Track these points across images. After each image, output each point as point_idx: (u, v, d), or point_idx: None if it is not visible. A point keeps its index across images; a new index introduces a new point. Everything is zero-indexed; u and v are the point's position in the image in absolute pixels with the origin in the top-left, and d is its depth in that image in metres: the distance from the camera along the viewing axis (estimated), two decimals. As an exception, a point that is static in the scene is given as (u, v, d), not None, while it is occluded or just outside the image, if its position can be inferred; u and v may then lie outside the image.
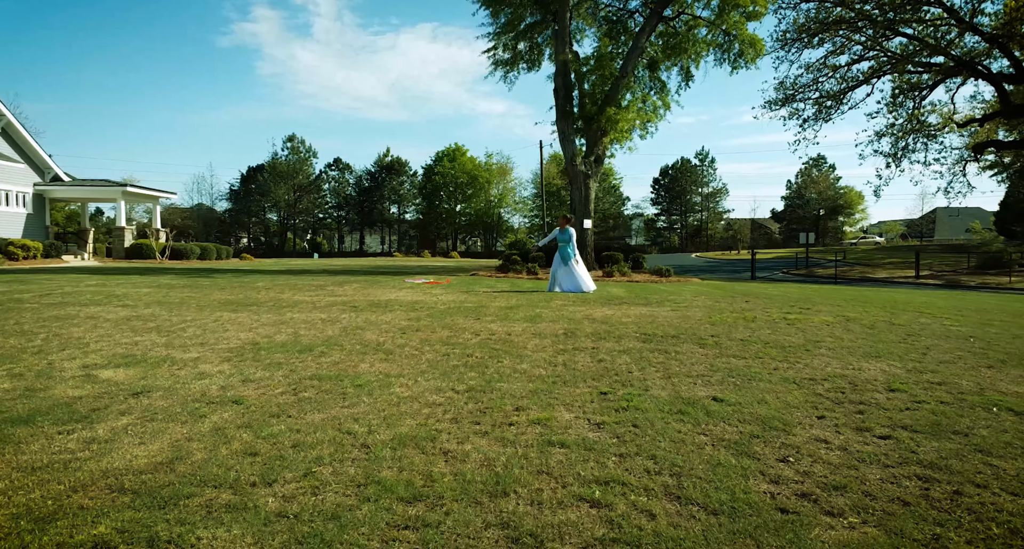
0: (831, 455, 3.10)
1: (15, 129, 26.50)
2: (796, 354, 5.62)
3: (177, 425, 3.45)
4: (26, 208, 27.29)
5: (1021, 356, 5.81)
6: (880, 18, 27.58)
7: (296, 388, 4.25)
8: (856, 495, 2.63)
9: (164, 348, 5.64)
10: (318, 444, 3.15)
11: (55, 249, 25.76)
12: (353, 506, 2.46)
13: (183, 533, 2.22)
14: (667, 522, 2.36)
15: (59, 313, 7.93)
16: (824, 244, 48.01)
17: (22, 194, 27.08)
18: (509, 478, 2.75)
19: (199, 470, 2.80)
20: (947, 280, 25.80)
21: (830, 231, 54.74)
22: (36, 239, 25.12)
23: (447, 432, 3.37)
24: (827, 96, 29.60)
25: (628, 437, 3.31)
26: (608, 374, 4.77)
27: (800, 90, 30.26)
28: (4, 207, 25.83)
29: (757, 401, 4.03)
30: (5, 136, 26.26)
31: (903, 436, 3.38)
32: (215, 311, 8.35)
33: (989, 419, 3.72)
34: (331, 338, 6.23)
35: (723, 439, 3.30)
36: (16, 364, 4.90)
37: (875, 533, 2.31)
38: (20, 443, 3.13)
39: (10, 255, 22.10)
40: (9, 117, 25.99)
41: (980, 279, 25.80)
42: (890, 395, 4.26)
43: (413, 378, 4.58)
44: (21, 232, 26.51)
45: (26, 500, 2.48)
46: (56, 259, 25.09)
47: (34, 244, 23.77)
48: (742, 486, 2.70)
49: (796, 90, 30.10)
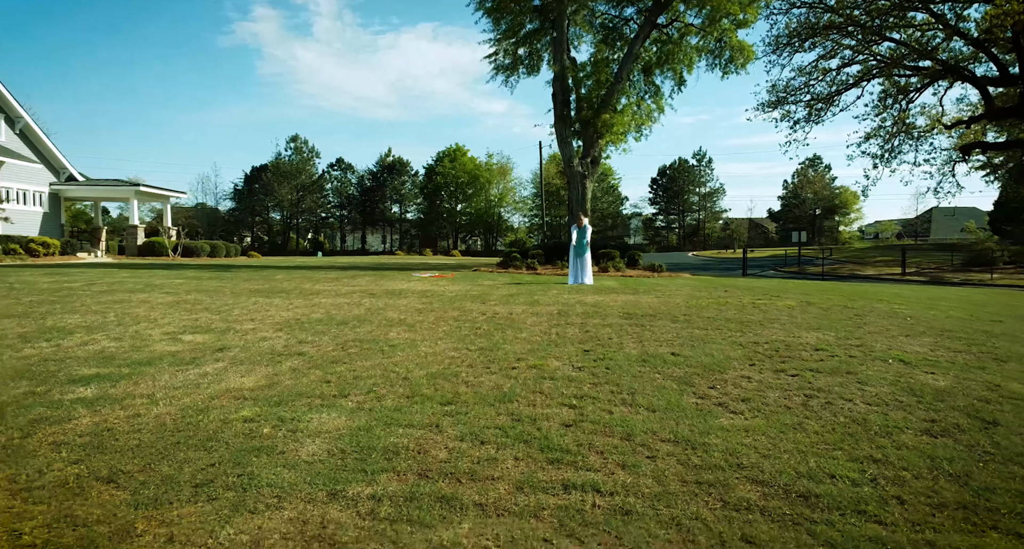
0: (748, 384, 4.27)
1: (32, 130, 27.64)
2: (751, 327, 6.78)
3: (262, 366, 4.61)
4: (42, 207, 28.42)
5: (941, 329, 6.97)
6: (869, 23, 28.78)
7: (343, 346, 5.41)
8: (755, 404, 3.80)
9: (222, 322, 6.80)
10: (371, 377, 4.32)
11: (70, 247, 26.89)
12: (406, 407, 3.63)
13: (298, 416, 3.39)
14: (619, 415, 3.53)
15: (113, 298, 9.08)
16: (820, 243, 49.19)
17: (39, 193, 28.22)
18: (512, 394, 3.92)
19: (291, 390, 3.97)
20: (932, 277, 26.93)
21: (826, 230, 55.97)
22: (52, 237, 26.24)
23: (465, 372, 4.53)
24: (817, 99, 30.82)
25: (601, 375, 4.48)
26: (591, 339, 5.93)
27: (792, 93, 31.51)
28: (22, 206, 26.96)
29: (705, 355, 5.20)
30: (23, 137, 27.40)
31: (807, 375, 4.55)
32: (250, 297, 9.50)
33: (880, 366, 4.89)
34: (359, 316, 7.39)
35: (671, 376, 4.47)
36: (108, 333, 6.06)
37: (758, 421, 3.48)
38: (153, 376, 4.30)
39: (32, 252, 23.25)
40: (27, 119, 27.13)
41: (964, 276, 26.94)
42: (814, 353, 5.42)
43: (433, 342, 5.74)
44: (38, 230, 27.63)
45: (184, 402, 3.65)
46: (71, 256, 26.21)
47: (53, 242, 24.90)
48: (677, 400, 3.87)
49: (788, 93, 31.34)
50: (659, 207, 70.14)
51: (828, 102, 30.46)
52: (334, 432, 3.17)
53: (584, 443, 3.07)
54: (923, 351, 5.59)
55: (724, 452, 2.97)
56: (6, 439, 3.04)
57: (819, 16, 29.64)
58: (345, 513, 2.29)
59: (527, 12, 22.94)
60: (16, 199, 26.49)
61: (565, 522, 2.27)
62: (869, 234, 69.18)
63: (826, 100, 30.49)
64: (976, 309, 9.51)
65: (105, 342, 5.53)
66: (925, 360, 5.16)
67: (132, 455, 2.83)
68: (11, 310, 7.50)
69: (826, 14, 29.23)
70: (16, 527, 2.14)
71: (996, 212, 55.37)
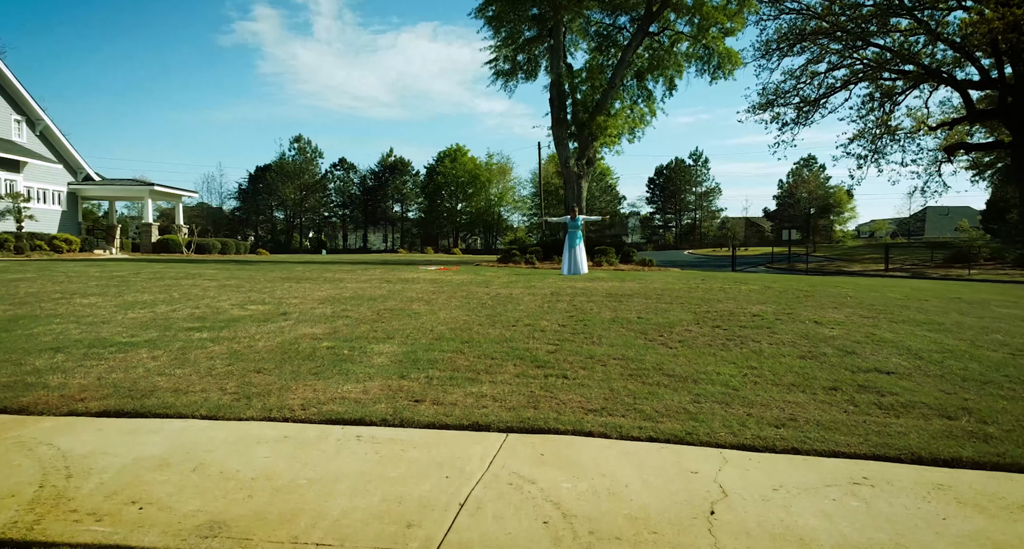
0: (687, 334, 5.80)
1: (52, 132, 29.16)
2: (709, 303, 8.31)
3: (321, 323, 6.14)
4: (61, 205, 29.94)
5: (867, 304, 8.49)
6: (854, 29, 30.32)
7: (378, 313, 6.94)
8: (687, 343, 5.33)
9: (272, 298, 8.32)
10: (406, 329, 5.85)
11: (87, 244, 28.42)
12: (436, 343, 5.16)
13: (364, 346, 4.92)
14: (587, 349, 5.06)
15: (164, 283, 10.59)
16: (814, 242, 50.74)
17: (58, 192, 29.73)
18: (512, 338, 5.45)
19: (350, 336, 5.49)
20: (913, 272, 28.44)
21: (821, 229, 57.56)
22: (70, 234, 27.76)
23: (476, 328, 6.06)
24: (806, 102, 32.39)
25: (579, 329, 6.01)
26: (576, 310, 7.46)
27: (782, 95, 33.08)
28: (43, 205, 28.47)
29: (662, 318, 6.73)
30: (43, 139, 28.93)
31: (736, 329, 6.08)
32: (283, 282, 11.02)
33: (795, 325, 6.41)
34: (383, 295, 8.91)
35: (631, 329, 6.00)
36: (186, 304, 7.58)
37: (684, 350, 5.01)
38: (244, 327, 5.83)
39: (56, 248, 24.78)
40: (47, 121, 28.66)
41: (944, 271, 28.43)
42: (751, 318, 6.94)
43: (448, 311, 7.27)
44: (57, 227, 29.14)
45: (279, 339, 5.18)
46: (89, 252, 27.72)
47: (74, 239, 26.43)
48: (631, 341, 5.40)
49: (778, 95, 32.92)
50: (656, 206, 71.89)
51: (815, 105, 32.00)
52: (390, 354, 4.70)
53: (560, 360, 4.61)
54: (838, 317, 7.12)
55: (653, 363, 4.51)
56: (172, 356, 4.56)
57: (806, 22, 31.17)
58: (412, 383, 3.83)
59: (525, 20, 24.47)
60: (37, 198, 28.01)
61: (545, 387, 3.80)
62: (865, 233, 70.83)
63: (813, 103, 32.02)
64: (915, 293, 11.04)
65: (189, 309, 7.06)
66: (834, 321, 6.70)
67: (264, 362, 4.36)
68: (88, 290, 9.02)
69: (813, 20, 30.76)
70: (212, 396, 3.67)
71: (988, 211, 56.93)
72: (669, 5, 22.93)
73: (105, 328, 5.74)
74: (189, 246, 29.79)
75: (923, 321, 6.90)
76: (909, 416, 3.38)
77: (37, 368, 4.15)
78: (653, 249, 59.70)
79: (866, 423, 3.24)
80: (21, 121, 27.89)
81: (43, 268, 14.15)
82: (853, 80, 32.86)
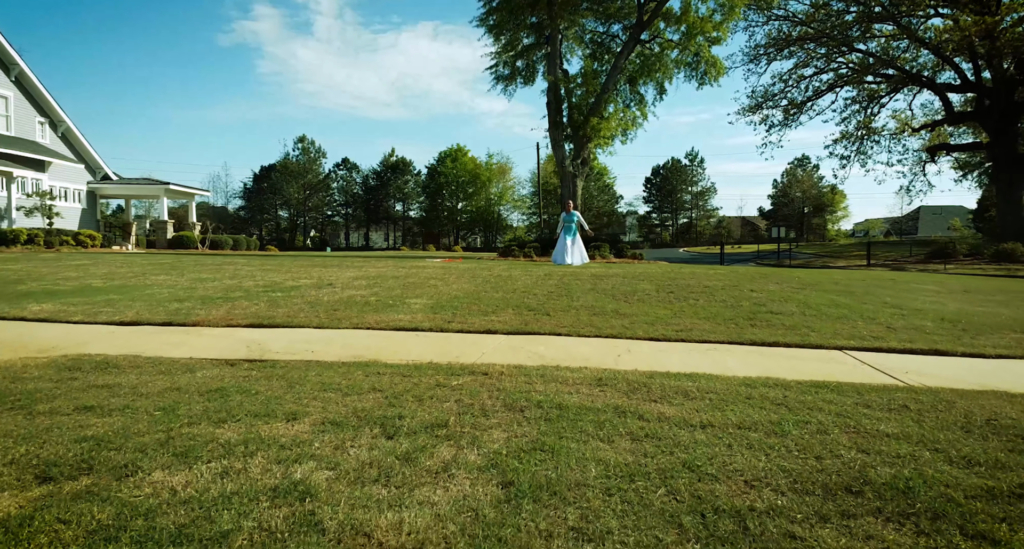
0: (645, 296, 7.67)
1: (73, 133, 31.01)
2: (674, 280, 10.17)
3: (362, 289, 8.01)
4: (80, 203, 31.78)
5: (809, 282, 10.35)
6: (838, 34, 32.24)
7: (404, 285, 8.81)
8: (642, 300, 7.20)
9: (312, 277, 10.18)
10: (429, 294, 7.72)
11: (107, 240, 30.26)
12: (453, 301, 7.03)
13: (402, 300, 6.80)
14: (565, 302, 6.95)
15: (211, 268, 12.43)
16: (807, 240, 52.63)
17: (78, 191, 31.58)
18: (510, 298, 7.33)
19: (388, 296, 7.36)
20: (893, 267, 30.29)
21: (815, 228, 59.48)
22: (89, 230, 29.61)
23: (482, 293, 7.93)
24: (793, 105, 34.34)
25: (563, 293, 7.88)
26: (563, 285, 9.33)
27: (771, 98, 35.01)
28: (65, 203, 30.32)
29: (630, 288, 8.60)
30: (64, 140, 30.78)
31: (683, 293, 7.94)
32: (311, 268, 12.88)
33: (733, 291, 8.27)
34: (403, 275, 10.78)
35: (604, 295, 7.87)
36: (246, 279, 9.44)
37: (638, 303, 6.88)
38: (305, 291, 7.69)
39: (81, 243, 26.63)
40: (68, 123, 30.53)
41: (922, 266, 30.28)
42: (703, 289, 8.80)
43: (460, 284, 9.14)
44: (77, 224, 30.96)
45: (336, 297, 7.06)
46: (108, 248, 29.57)
47: (97, 235, 28.27)
48: (600, 299, 7.27)
49: (766, 98, 34.86)
50: (653, 206, 74.02)
51: (801, 108, 33.91)
52: (422, 304, 6.57)
53: (546, 307, 6.49)
54: (772, 288, 8.99)
55: (611, 309, 6.38)
56: (266, 305, 6.43)
57: (793, 28, 33.08)
58: (442, 314, 5.72)
59: (524, 28, 26.38)
60: (61, 196, 29.85)
61: (533, 319, 5.67)
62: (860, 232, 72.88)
63: (799, 106, 33.94)
64: (858, 278, 12.93)
65: (252, 282, 8.93)
66: (766, 290, 8.57)
67: (335, 307, 6.23)
68: (151, 273, 10.89)
69: (799, 26, 32.66)
70: (313, 320, 5.54)
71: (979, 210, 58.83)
72: (659, 15, 24.83)
73: (199, 290, 7.61)
74: (203, 242, 31.64)
75: (837, 291, 8.80)
76: (766, 328, 5.26)
77: (180, 308, 6.03)
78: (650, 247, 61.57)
79: (736, 331, 5.11)
80: (44, 123, 29.75)
81: (93, 260, 16.02)
82: (839, 83, 34.82)
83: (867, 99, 34.79)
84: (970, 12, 28.73)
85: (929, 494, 1.92)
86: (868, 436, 2.48)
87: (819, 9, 31.99)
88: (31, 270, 11.03)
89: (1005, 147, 30.34)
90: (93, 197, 32.85)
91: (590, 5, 25.73)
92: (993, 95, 30.57)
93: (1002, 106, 29.70)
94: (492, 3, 25.35)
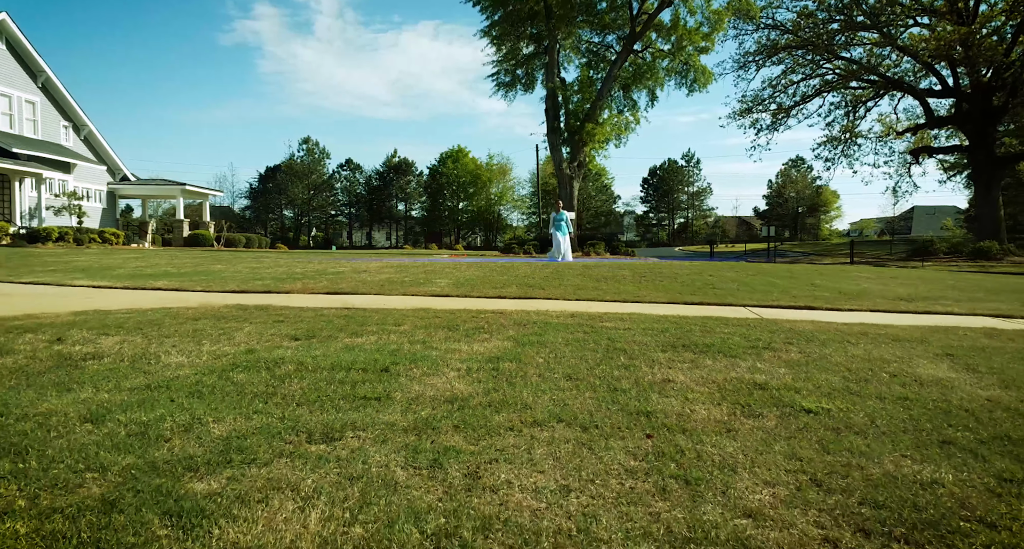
0: (622, 279, 9.71)
1: (94, 136, 33.08)
2: (651, 270, 12.20)
3: (392, 274, 10.05)
4: (101, 203, 33.83)
5: (768, 272, 12.39)
6: (822, 43, 34.31)
7: (426, 272, 10.85)
8: (619, 281, 9.25)
9: (343, 267, 12.20)
10: (448, 277, 9.77)
11: (128, 238, 32.30)
12: (468, 281, 9.09)
13: (429, 280, 8.87)
14: (557, 282, 9.00)
15: (251, 259, 14.46)
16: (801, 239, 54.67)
17: (99, 191, 33.63)
18: (513, 279, 9.38)
19: (416, 279, 9.41)
20: (875, 264, 32.33)
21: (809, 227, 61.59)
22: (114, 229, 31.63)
23: (490, 276, 9.97)
24: (781, 109, 36.42)
25: (556, 277, 9.92)
26: (556, 271, 11.38)
27: (760, 102, 37.08)
28: (88, 203, 32.36)
29: (612, 275, 10.64)
30: (86, 142, 32.83)
31: (654, 278, 9.99)
32: (339, 260, 14.90)
33: (697, 277, 10.31)
34: (420, 265, 12.82)
35: (590, 278, 9.92)
36: (291, 268, 11.46)
37: (613, 282, 8.93)
38: (352, 276, 9.74)
39: (107, 240, 28.66)
40: (91, 126, 32.59)
41: (901, 263, 32.35)
42: (672, 275, 10.84)
43: (471, 271, 11.17)
44: (98, 223, 33.00)
45: (378, 278, 9.11)
46: (129, 245, 31.58)
47: (120, 232, 30.31)
48: (586, 281, 9.32)
49: (756, 102, 36.94)
50: (650, 205, 76.23)
51: (789, 113, 36.00)
52: (445, 282, 8.61)
53: (542, 285, 8.53)
54: (730, 275, 11.04)
55: (592, 286, 8.42)
56: (327, 282, 8.46)
57: (780, 36, 35.15)
58: (463, 288, 7.77)
59: (524, 38, 28.48)
60: (84, 197, 31.88)
61: (531, 292, 7.71)
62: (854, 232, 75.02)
63: (787, 111, 36.02)
64: (815, 269, 14.96)
65: (300, 268, 10.97)
66: (723, 276, 10.62)
67: (382, 285, 8.28)
68: (205, 264, 12.91)
69: (786, 35, 34.73)
70: (372, 290, 7.58)
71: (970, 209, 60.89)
72: (651, 27, 26.91)
73: (263, 274, 9.64)
74: (219, 240, 33.67)
75: (782, 277, 10.86)
76: (700, 296, 7.30)
77: (267, 284, 8.06)
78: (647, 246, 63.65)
79: (678, 297, 7.15)
80: (68, 126, 31.81)
81: (137, 255, 18.05)
82: (825, 89, 36.92)
83: (852, 104, 36.89)
84: (948, 22, 30.83)
85: (724, 346, 3.97)
86: (719, 332, 4.53)
87: (806, 18, 34.05)
88: (99, 262, 13.06)
89: (984, 149, 32.42)
90: (113, 197, 34.89)
91: (586, 18, 27.80)
92: (971, 100, 32.62)
93: (980, 110, 31.76)
94: (494, 16, 27.43)
